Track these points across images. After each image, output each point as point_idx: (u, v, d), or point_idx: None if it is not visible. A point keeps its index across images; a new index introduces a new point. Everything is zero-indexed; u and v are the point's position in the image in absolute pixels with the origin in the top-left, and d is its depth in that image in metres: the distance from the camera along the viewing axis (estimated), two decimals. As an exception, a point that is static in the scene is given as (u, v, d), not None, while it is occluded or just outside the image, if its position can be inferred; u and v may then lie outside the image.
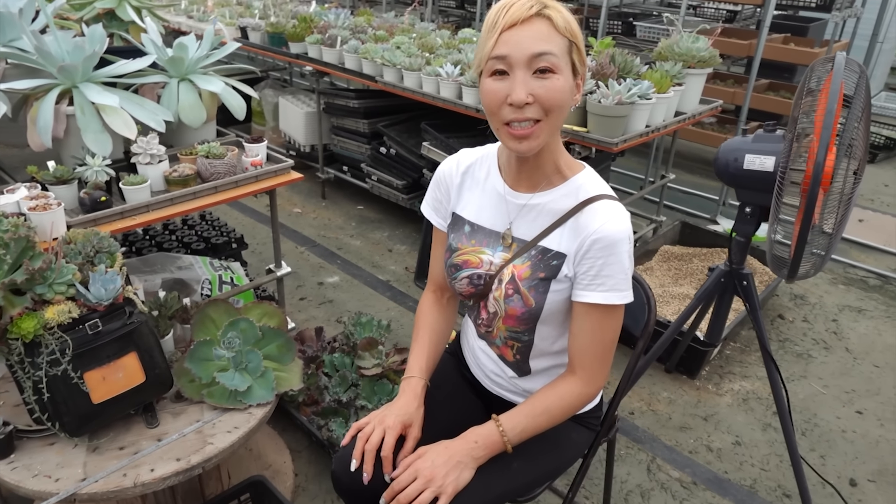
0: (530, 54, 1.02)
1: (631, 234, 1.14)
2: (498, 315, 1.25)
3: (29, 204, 1.53)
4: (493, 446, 1.17)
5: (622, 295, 1.14)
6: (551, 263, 1.17)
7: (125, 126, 1.78)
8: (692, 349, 2.41)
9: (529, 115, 1.05)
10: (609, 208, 1.13)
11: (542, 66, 1.03)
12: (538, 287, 1.18)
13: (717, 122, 4.73)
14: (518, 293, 1.19)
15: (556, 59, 1.03)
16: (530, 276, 1.18)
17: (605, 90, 2.34)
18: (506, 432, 1.17)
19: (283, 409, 2.13)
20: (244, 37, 4.02)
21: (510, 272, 1.20)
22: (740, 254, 1.82)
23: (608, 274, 1.13)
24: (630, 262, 1.14)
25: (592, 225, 1.12)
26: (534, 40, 1.02)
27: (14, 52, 1.82)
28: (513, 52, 1.03)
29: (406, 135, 3.42)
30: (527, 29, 1.02)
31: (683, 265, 3.09)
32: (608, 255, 1.12)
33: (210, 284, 2.21)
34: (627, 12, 5.24)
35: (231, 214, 3.78)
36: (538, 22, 1.02)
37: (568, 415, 1.22)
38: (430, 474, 1.11)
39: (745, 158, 1.63)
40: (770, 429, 2.27)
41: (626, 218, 1.13)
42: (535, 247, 1.19)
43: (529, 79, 1.04)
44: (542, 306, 1.19)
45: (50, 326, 1.28)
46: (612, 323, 1.18)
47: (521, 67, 1.03)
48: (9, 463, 1.36)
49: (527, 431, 1.18)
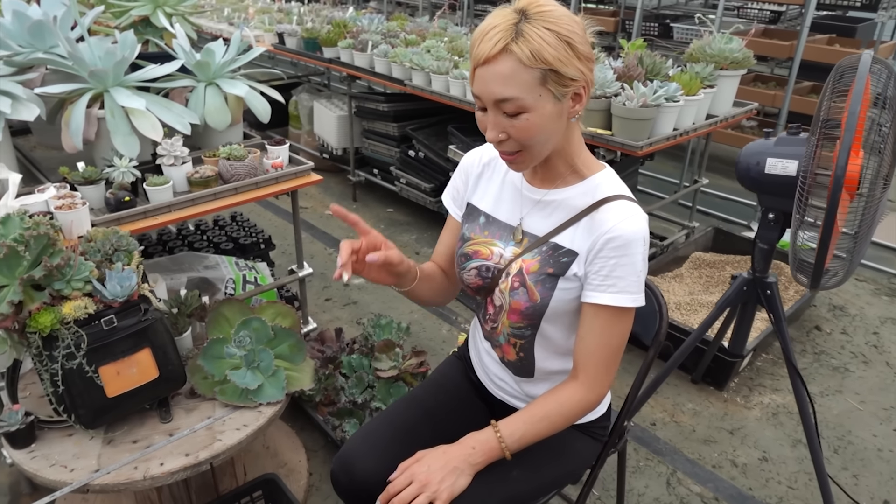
0: (493, 99, 1.01)
1: (647, 236, 1.11)
2: (503, 309, 1.23)
3: (56, 203, 1.60)
4: (490, 452, 1.15)
5: (633, 298, 1.12)
6: (561, 260, 1.15)
7: (152, 129, 1.84)
8: (719, 360, 2.34)
9: (508, 149, 1.07)
10: (625, 208, 1.11)
11: (509, 111, 1.02)
12: (545, 282, 1.16)
13: (757, 125, 4.60)
14: (524, 286, 1.18)
15: (522, 101, 1.00)
16: (538, 270, 1.17)
17: (630, 92, 2.30)
18: (504, 439, 1.15)
19: (301, 408, 2.16)
20: (281, 42, 4.10)
21: (518, 266, 1.19)
22: (763, 261, 1.76)
23: (620, 275, 1.10)
24: (643, 265, 1.12)
25: (607, 224, 1.10)
26: (497, 84, 0.99)
27: (52, 59, 1.90)
28: (482, 93, 1.03)
29: (434, 138, 3.43)
30: (492, 69, 0.99)
31: (715, 273, 3.00)
32: (621, 256, 1.09)
33: (234, 284, 2.26)
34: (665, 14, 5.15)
35: (264, 215, 3.85)
36: (503, 60, 0.98)
37: (569, 421, 1.19)
38: (425, 479, 1.11)
39: (766, 162, 1.58)
40: (800, 445, 2.18)
41: (642, 219, 1.11)
42: (546, 243, 1.17)
43: (501, 118, 1.03)
44: (548, 303, 1.17)
45: (66, 321, 1.32)
46: (621, 327, 1.15)
47: (491, 108, 1.03)
48: (29, 452, 1.41)
49: (526, 438, 1.16)
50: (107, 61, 1.85)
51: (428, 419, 1.38)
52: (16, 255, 1.27)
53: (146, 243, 2.56)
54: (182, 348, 1.66)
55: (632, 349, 2.60)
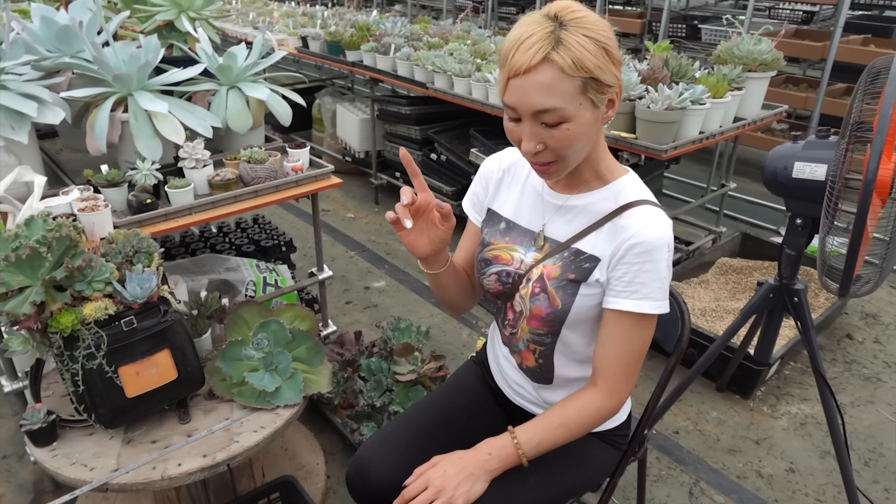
0: (533, 111, 0.98)
1: (671, 242, 1.09)
2: (523, 315, 1.21)
3: (79, 205, 1.62)
4: (507, 459, 1.14)
5: (657, 304, 1.09)
6: (583, 266, 1.13)
7: (174, 132, 1.86)
8: (745, 368, 2.29)
9: (543, 159, 1.04)
10: (649, 213, 1.09)
11: (549, 121, 0.99)
12: (566, 288, 1.14)
13: (788, 128, 4.50)
14: (545, 292, 1.16)
15: (563, 111, 0.98)
16: (559, 276, 1.15)
17: (655, 95, 2.27)
18: (521, 445, 1.13)
19: (320, 410, 2.16)
20: (305, 46, 4.12)
21: (539, 271, 1.17)
22: (791, 268, 1.71)
23: (643, 281, 1.08)
24: (668, 272, 1.09)
25: (631, 229, 1.08)
26: (538, 94, 0.96)
27: (78, 63, 1.93)
28: (518, 104, 0.99)
29: (456, 141, 3.42)
30: (532, 79, 0.96)
31: (742, 279, 2.94)
32: (644, 262, 1.07)
33: (254, 286, 2.27)
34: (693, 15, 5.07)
35: (286, 218, 3.88)
36: (544, 69, 0.95)
37: (587, 429, 1.17)
38: (441, 484, 1.10)
39: (794, 166, 1.54)
40: (829, 456, 2.12)
41: (667, 224, 1.09)
42: (568, 248, 1.15)
43: (538, 128, 1.01)
44: (569, 309, 1.15)
45: (87, 322, 1.34)
46: (643, 334, 1.12)
47: (529, 118, 1.00)
48: (51, 450, 1.43)
49: (543, 445, 1.15)
50: (131, 65, 1.88)
51: (445, 424, 1.37)
52: (38, 256, 1.29)
53: (169, 245, 2.59)
54: (201, 350, 1.67)
55: (654, 356, 2.56)
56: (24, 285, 1.30)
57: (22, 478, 2.00)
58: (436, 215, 1.13)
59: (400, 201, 1.11)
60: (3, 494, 1.94)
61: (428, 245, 1.16)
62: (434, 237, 1.15)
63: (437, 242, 1.16)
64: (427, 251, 1.16)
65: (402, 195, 1.11)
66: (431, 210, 1.13)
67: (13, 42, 1.87)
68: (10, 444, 2.12)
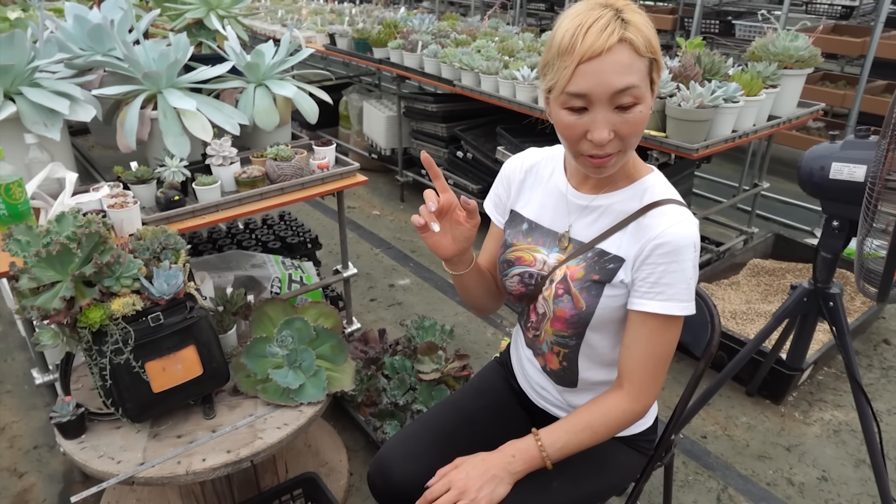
0: (613, 91, 0.95)
1: (697, 242, 1.06)
2: (546, 316, 1.19)
3: (109, 202, 1.64)
4: (531, 461, 1.12)
5: (682, 306, 1.07)
6: (607, 267, 1.11)
7: (202, 129, 1.88)
8: (777, 372, 2.23)
9: (610, 151, 1.01)
10: (675, 213, 1.06)
11: (626, 102, 0.96)
12: (590, 290, 1.12)
13: (825, 126, 4.39)
14: (568, 294, 1.14)
15: (639, 91, 0.96)
16: (583, 277, 1.12)
17: (686, 93, 2.22)
18: (545, 448, 1.11)
19: (343, 408, 2.17)
20: (332, 43, 4.14)
21: (563, 272, 1.15)
22: (826, 271, 1.66)
23: (669, 282, 1.05)
24: (694, 272, 1.06)
25: (656, 229, 1.05)
26: (616, 74, 0.94)
27: (110, 61, 1.96)
28: (594, 89, 0.95)
29: (483, 139, 3.40)
30: (609, 59, 0.93)
31: (774, 281, 2.87)
32: (670, 262, 1.04)
33: (280, 283, 2.28)
34: (727, 10, 4.97)
35: (312, 215, 3.90)
36: (620, 49, 0.93)
37: (613, 432, 1.15)
38: (463, 486, 1.08)
39: (831, 167, 1.49)
40: (864, 465, 2.06)
41: (693, 224, 1.06)
42: (591, 249, 1.13)
43: (611, 115, 0.97)
44: (594, 311, 1.12)
45: (115, 317, 1.35)
46: (669, 336, 1.10)
47: (603, 104, 0.96)
48: (79, 443, 1.46)
49: (567, 448, 1.12)
50: (160, 63, 1.90)
51: (467, 425, 1.36)
52: (69, 252, 1.31)
53: (196, 241, 2.62)
54: (226, 346, 1.69)
55: (682, 359, 2.51)
56: (54, 280, 1.32)
57: (52, 468, 2.04)
58: (460, 214, 1.12)
59: (425, 205, 1.10)
60: (35, 484, 1.98)
61: (452, 245, 1.14)
62: (459, 236, 1.14)
63: (461, 241, 1.14)
64: (451, 251, 1.15)
65: (427, 200, 1.09)
66: (454, 210, 1.12)
67: (47, 41, 1.90)
68: (41, 434, 2.17)
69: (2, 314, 2.83)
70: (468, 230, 1.13)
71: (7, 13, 2.28)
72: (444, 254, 1.15)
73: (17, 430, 2.19)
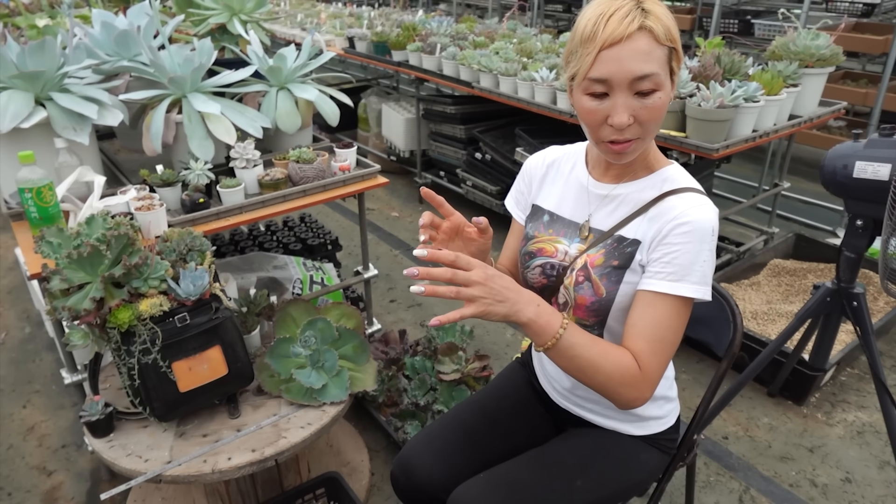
0: (633, 77, 0.98)
1: (716, 228, 1.06)
2: (568, 305, 1.19)
3: (136, 204, 1.68)
4: (544, 327, 0.99)
5: (695, 288, 1.03)
6: (626, 251, 1.11)
7: (226, 133, 1.91)
8: (799, 373, 2.21)
9: (630, 136, 1.02)
10: (695, 199, 1.07)
11: (645, 88, 0.99)
12: (610, 276, 1.12)
13: (846, 125, 4.34)
14: (589, 280, 1.14)
15: (658, 78, 0.99)
16: (603, 263, 1.13)
17: (706, 93, 2.21)
18: (562, 335, 1.00)
19: (364, 408, 2.19)
20: (351, 46, 4.17)
21: (583, 260, 1.16)
22: (850, 271, 1.65)
23: (683, 263, 1.04)
24: (710, 258, 1.05)
25: (675, 210, 1.06)
26: (636, 61, 0.97)
27: (136, 66, 2.00)
28: (614, 74, 0.98)
29: (501, 140, 3.40)
30: (630, 46, 0.96)
31: (796, 281, 2.85)
32: (687, 242, 1.03)
33: (301, 284, 2.31)
34: (746, 10, 4.93)
35: (332, 217, 3.93)
36: (640, 37, 0.97)
37: (611, 382, 1.03)
38: (477, 279, 0.93)
39: (855, 166, 1.48)
40: (888, 467, 2.03)
41: (713, 210, 1.06)
42: (611, 236, 1.14)
43: (631, 100, 1.00)
44: (614, 297, 1.12)
45: (143, 318, 1.38)
46: (676, 321, 1.05)
47: (623, 90, 0.99)
48: (108, 441, 1.49)
49: (573, 351, 1.01)
50: (185, 68, 1.93)
51: (489, 425, 1.36)
52: (98, 253, 1.34)
53: (219, 243, 2.66)
54: (250, 346, 1.71)
55: (703, 359, 2.50)
56: (84, 282, 1.35)
57: (80, 466, 2.08)
58: (471, 231, 1.13)
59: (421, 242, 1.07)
60: (63, 482, 2.02)
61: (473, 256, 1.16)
62: (475, 251, 1.15)
63: (478, 255, 1.15)
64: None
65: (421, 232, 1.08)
66: (464, 229, 1.13)
67: (76, 47, 1.95)
68: (69, 433, 2.21)
69: (30, 316, 2.89)
70: (482, 244, 1.15)
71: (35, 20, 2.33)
72: None
73: (46, 429, 2.24)
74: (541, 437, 1.35)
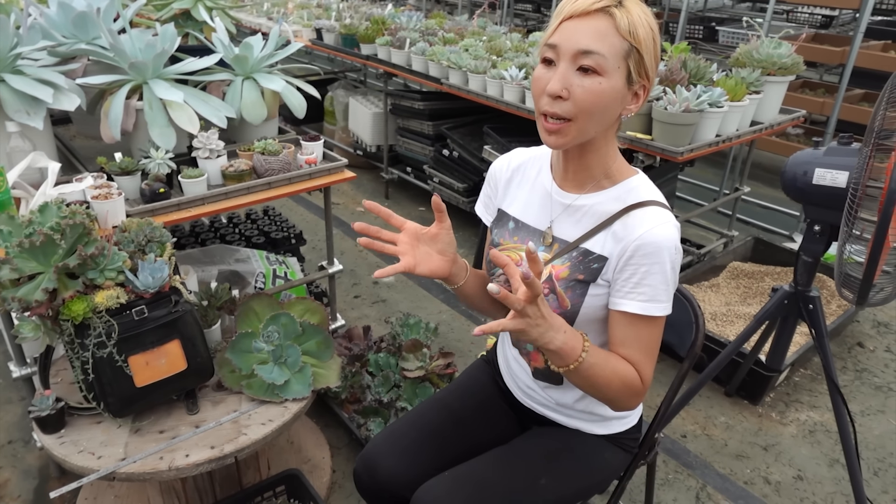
0: (577, 50, 0.98)
1: (678, 245, 1.08)
2: None
3: (93, 192, 1.62)
4: (570, 352, 1.02)
5: (662, 307, 1.08)
6: (592, 266, 1.12)
7: (189, 121, 1.85)
8: (755, 373, 2.27)
9: (560, 111, 1.02)
10: (657, 215, 1.08)
11: (586, 65, 0.99)
12: (575, 289, 1.13)
13: (804, 133, 4.46)
14: (553, 293, 1.14)
15: (603, 61, 0.98)
16: (568, 276, 1.13)
17: (672, 97, 2.24)
18: (583, 357, 1.03)
19: (326, 404, 2.16)
20: (319, 38, 4.11)
21: (548, 271, 1.15)
22: (807, 275, 1.69)
23: (650, 283, 1.06)
24: (674, 274, 1.08)
25: (638, 230, 1.07)
26: (587, 36, 0.98)
27: (94, 50, 1.93)
28: (563, 43, 1.00)
29: (469, 138, 3.40)
30: (586, 22, 0.98)
31: (753, 283, 2.92)
32: (652, 263, 1.06)
33: (264, 278, 2.27)
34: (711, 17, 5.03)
35: (296, 210, 3.88)
36: (599, 18, 0.98)
37: (620, 395, 1.09)
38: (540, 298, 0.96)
39: (814, 173, 1.52)
40: (838, 465, 2.10)
41: (674, 227, 1.07)
42: (576, 248, 1.14)
43: (571, 73, 1.00)
44: (578, 310, 1.13)
45: (98, 310, 1.33)
46: (657, 331, 1.11)
47: (566, 60, 1.00)
48: (58, 437, 1.43)
49: (592, 370, 1.04)
50: (147, 53, 1.87)
51: (454, 423, 1.36)
52: (52, 243, 1.28)
53: (179, 234, 2.59)
54: (211, 341, 1.67)
55: (664, 359, 2.54)
56: (36, 272, 1.29)
57: (27, 463, 2.00)
58: (430, 230, 1.13)
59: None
60: (9, 479, 1.94)
61: (442, 259, 1.15)
62: (443, 248, 1.15)
63: (447, 251, 1.15)
64: (446, 266, 1.16)
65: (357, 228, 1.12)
66: (421, 232, 1.14)
67: (31, 27, 1.86)
68: (16, 429, 2.13)
69: (-24, 306, 2.77)
70: (446, 235, 1.14)
71: (-12, -2, 2.23)
72: (442, 272, 1.16)
73: (-8, 424, 2.15)
74: (505, 436, 1.35)
